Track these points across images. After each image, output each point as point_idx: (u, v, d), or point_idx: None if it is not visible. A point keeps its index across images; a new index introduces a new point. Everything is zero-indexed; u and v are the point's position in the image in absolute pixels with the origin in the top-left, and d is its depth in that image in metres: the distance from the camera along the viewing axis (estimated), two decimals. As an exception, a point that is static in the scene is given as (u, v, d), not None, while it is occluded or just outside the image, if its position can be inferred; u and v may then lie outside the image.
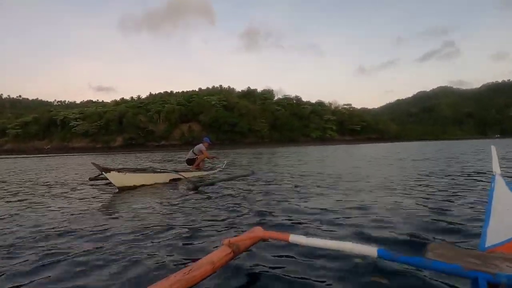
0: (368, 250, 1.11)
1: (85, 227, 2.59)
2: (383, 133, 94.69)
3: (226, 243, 1.52)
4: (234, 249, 1.52)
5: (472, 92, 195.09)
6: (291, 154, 17.61)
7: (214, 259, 1.41)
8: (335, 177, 5.67)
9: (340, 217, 2.70)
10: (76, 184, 6.03)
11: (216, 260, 1.41)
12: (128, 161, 15.55)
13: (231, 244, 1.52)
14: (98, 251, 1.98)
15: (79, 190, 5.09)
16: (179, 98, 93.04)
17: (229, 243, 1.52)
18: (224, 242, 1.54)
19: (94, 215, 3.11)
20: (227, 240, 1.53)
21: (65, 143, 76.69)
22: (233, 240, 1.54)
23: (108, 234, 2.38)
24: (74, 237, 2.33)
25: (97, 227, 2.60)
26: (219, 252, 1.47)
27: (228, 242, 1.52)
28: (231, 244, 1.52)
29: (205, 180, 5.67)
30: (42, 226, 2.68)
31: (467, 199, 3.38)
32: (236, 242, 1.54)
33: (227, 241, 1.53)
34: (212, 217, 2.79)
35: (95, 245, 2.10)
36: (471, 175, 5.50)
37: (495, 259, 1.04)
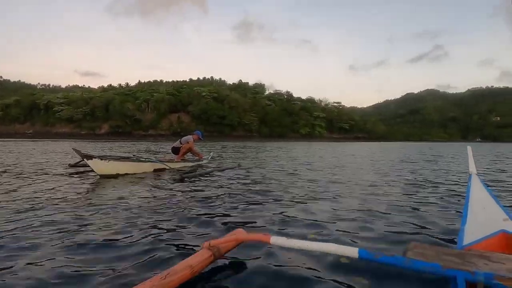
0: (349, 251, 1.11)
1: (55, 219, 2.44)
2: (370, 133, 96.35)
3: (206, 246, 1.47)
4: (215, 252, 1.47)
5: (457, 96, 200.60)
6: (279, 150, 17.64)
7: (193, 263, 1.35)
8: (321, 174, 5.69)
9: (323, 217, 2.69)
10: (54, 170, 5.81)
11: (195, 264, 1.35)
12: (114, 148, 15.18)
13: (212, 247, 1.47)
14: (65, 247, 1.86)
15: (56, 177, 4.88)
16: (169, 87, 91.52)
17: (209, 246, 1.47)
18: (204, 245, 1.48)
19: (68, 204, 2.96)
20: (207, 243, 1.48)
21: (48, 128, 74.22)
22: (214, 242, 1.49)
23: (79, 227, 2.24)
24: (41, 229, 2.18)
25: (69, 218, 2.46)
26: (199, 256, 1.42)
27: (208, 245, 1.47)
28: (211, 247, 1.47)
29: (190, 171, 5.58)
30: (6, 216, 2.51)
31: (445, 199, 3.46)
32: (216, 245, 1.49)
33: (207, 243, 1.48)
34: (193, 215, 2.69)
35: (62, 240, 1.97)
36: (450, 176, 5.65)
37: (473, 257, 1.06)
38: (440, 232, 2.25)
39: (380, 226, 2.38)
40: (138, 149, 16.16)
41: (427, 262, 0.99)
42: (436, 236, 2.16)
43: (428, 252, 1.10)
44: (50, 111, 77.52)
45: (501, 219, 1.53)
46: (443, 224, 2.44)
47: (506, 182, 4.82)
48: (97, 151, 13.39)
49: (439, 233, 2.23)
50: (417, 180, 5.09)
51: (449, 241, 2.04)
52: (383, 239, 2.10)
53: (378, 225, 2.42)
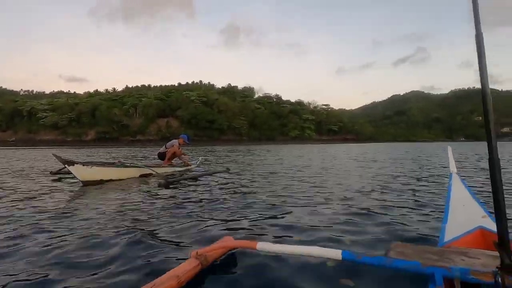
0: (333, 254, 1.13)
1: (36, 227, 2.36)
2: (359, 134, 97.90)
3: (194, 255, 1.44)
4: (202, 261, 1.44)
5: (441, 97, 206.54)
6: (268, 153, 17.67)
7: (180, 272, 1.31)
8: (310, 174, 5.72)
9: (309, 220, 2.69)
10: (35, 177, 5.63)
11: (182, 274, 1.31)
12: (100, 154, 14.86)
13: (199, 256, 1.44)
14: (44, 257, 1.79)
15: (37, 185, 4.72)
16: (157, 92, 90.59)
17: (196, 254, 1.44)
18: (192, 253, 1.46)
19: (49, 212, 2.86)
20: (195, 252, 1.46)
21: (31, 135, 72.09)
22: (201, 251, 1.46)
23: (60, 236, 2.16)
24: (21, 239, 2.10)
25: (50, 227, 2.37)
26: (186, 265, 1.38)
27: (195, 253, 1.44)
28: (199, 255, 1.44)
29: (178, 176, 5.48)
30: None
31: (428, 198, 3.53)
32: (204, 253, 1.47)
33: (194, 252, 1.46)
34: (181, 223, 2.62)
35: (43, 249, 1.90)
36: (433, 175, 5.77)
37: (451, 253, 1.09)
38: (423, 231, 2.28)
39: (365, 228, 2.40)
40: (124, 155, 15.87)
41: (407, 261, 1.02)
42: (419, 236, 2.19)
43: (409, 251, 1.13)
44: (33, 118, 75.36)
45: (479, 216, 1.57)
46: (426, 223, 2.48)
47: (486, 180, 4.96)
48: (83, 157, 13.08)
49: (422, 232, 2.26)
50: (401, 180, 5.18)
51: (431, 239, 2.08)
52: (368, 240, 2.11)
53: (363, 226, 2.44)
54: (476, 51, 0.86)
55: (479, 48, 0.86)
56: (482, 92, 0.91)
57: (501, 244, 0.85)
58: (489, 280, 0.88)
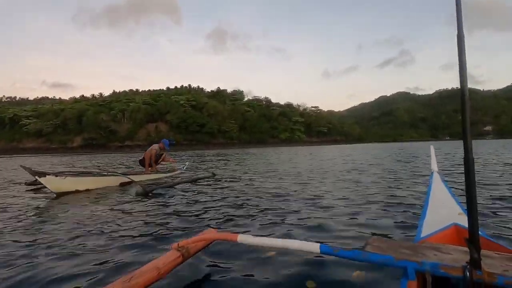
0: (311, 247, 1.17)
1: (9, 239, 2.28)
2: (347, 135, 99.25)
3: (175, 247, 1.45)
4: (184, 253, 1.45)
5: (426, 97, 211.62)
6: (257, 156, 17.72)
7: (160, 264, 1.32)
8: (292, 177, 5.79)
9: (291, 214, 2.74)
10: (8, 189, 5.39)
11: (162, 265, 1.32)
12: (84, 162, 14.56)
13: (180, 248, 1.45)
14: (25, 261, 1.78)
15: (8, 195, 4.56)
16: (146, 97, 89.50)
17: (177, 246, 1.45)
18: (173, 246, 1.47)
19: (21, 222, 2.81)
20: (176, 244, 1.47)
21: (14, 143, 69.91)
22: (182, 243, 1.47)
23: (38, 242, 2.14)
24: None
25: (25, 236, 2.32)
26: (167, 257, 1.40)
27: (177, 246, 1.46)
28: (180, 247, 1.45)
29: (160, 183, 5.31)
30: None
31: (409, 195, 3.63)
32: (186, 245, 1.47)
33: (175, 244, 1.47)
34: (161, 223, 2.62)
35: (21, 254, 1.89)
36: (415, 174, 5.93)
37: (425, 249, 1.12)
38: (402, 227, 2.36)
39: (346, 223, 2.47)
40: (107, 162, 15.60)
41: (381, 255, 1.05)
42: (397, 231, 2.26)
43: (385, 245, 1.16)
44: (16, 126, 73.17)
45: (456, 213, 1.62)
46: (405, 220, 2.56)
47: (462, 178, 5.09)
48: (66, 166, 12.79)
49: (401, 228, 2.33)
50: (385, 179, 5.30)
51: (408, 235, 2.14)
52: (348, 235, 2.18)
53: (344, 222, 2.51)
54: (457, 52, 0.89)
55: (460, 49, 0.90)
56: (460, 91, 0.93)
57: (471, 240, 0.88)
58: (458, 274, 0.90)
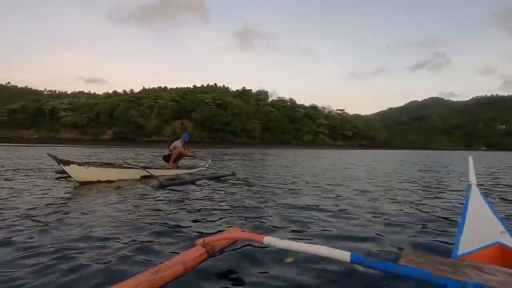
0: (341, 255, 1.11)
1: (36, 224, 2.38)
2: (373, 140, 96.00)
3: (201, 243, 1.47)
4: (209, 250, 1.47)
5: (461, 104, 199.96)
6: (280, 157, 17.63)
7: (186, 259, 1.34)
8: (317, 180, 5.66)
9: (317, 221, 2.67)
10: (38, 175, 5.72)
11: (188, 261, 1.34)
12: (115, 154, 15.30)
13: (206, 244, 1.46)
14: (53, 249, 1.82)
15: (36, 182, 4.80)
16: (173, 94, 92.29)
17: (203, 243, 1.46)
18: (199, 242, 1.48)
19: (49, 208, 2.94)
20: (201, 240, 1.48)
21: (52, 133, 74.92)
22: (208, 240, 1.48)
23: (65, 230, 2.21)
24: (26, 233, 2.12)
25: (52, 223, 2.41)
26: (192, 252, 1.41)
27: (202, 242, 1.47)
28: (205, 244, 1.46)
29: (180, 179, 5.39)
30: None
31: (444, 208, 3.41)
32: (211, 242, 1.49)
33: (201, 241, 1.48)
34: (179, 218, 2.65)
35: (51, 241, 1.96)
36: (450, 185, 5.58)
37: (465, 267, 1.04)
38: (436, 241, 2.22)
39: (378, 233, 2.36)
40: (135, 156, 16.21)
41: (418, 270, 0.98)
42: (432, 245, 2.14)
43: (420, 260, 1.09)
44: (55, 117, 78.36)
45: (497, 231, 1.51)
46: (440, 234, 2.41)
47: (506, 194, 4.71)
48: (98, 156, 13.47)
49: (435, 242, 2.20)
50: (417, 189, 5.04)
51: (444, 250, 2.01)
52: (379, 246, 2.08)
53: (376, 232, 2.40)
54: None
55: None
56: None
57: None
58: None
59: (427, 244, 2.16)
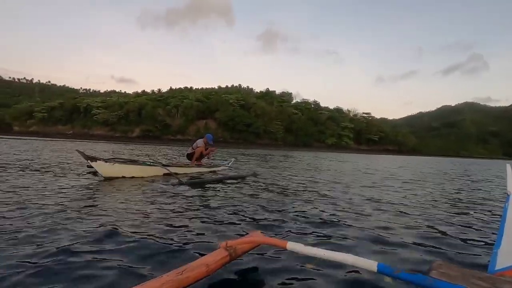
0: (368, 264, 1.06)
1: (65, 220, 2.43)
2: (401, 145, 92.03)
3: (223, 246, 1.48)
4: (231, 253, 1.48)
5: (500, 110, 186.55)
6: (303, 159, 17.41)
7: (209, 261, 1.36)
8: (340, 185, 5.54)
9: (340, 227, 2.62)
10: (71, 168, 6.14)
11: (212, 263, 1.36)
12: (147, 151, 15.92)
13: (228, 247, 1.48)
14: (83, 247, 1.85)
15: (68, 175, 5.10)
16: (198, 94, 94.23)
17: (226, 246, 1.48)
18: (221, 244, 1.50)
19: (74, 202, 3.05)
20: (224, 243, 1.50)
21: (85, 129, 79.29)
22: (231, 243, 1.50)
23: (92, 227, 2.27)
24: (51, 231, 2.14)
25: (79, 220, 2.46)
26: (215, 255, 1.43)
27: (225, 245, 1.48)
28: (228, 247, 1.48)
29: (202, 177, 5.46)
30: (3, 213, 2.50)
31: (479, 219, 3.22)
32: (233, 246, 1.51)
33: (224, 243, 1.49)
34: (205, 218, 2.69)
35: (78, 239, 1.98)
36: (485, 195, 5.24)
37: (504, 283, 0.97)
38: (470, 254, 2.10)
39: (406, 243, 2.28)
40: (162, 153, 16.71)
41: (452, 284, 0.92)
42: (465, 257, 2.03)
43: (454, 273, 1.03)
44: (88, 114, 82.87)
45: None
46: (474, 245, 2.28)
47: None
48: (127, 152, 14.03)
49: (469, 255, 2.08)
50: (450, 198, 4.79)
51: (479, 264, 1.91)
52: (408, 255, 2.01)
53: (404, 241, 2.31)
54: None
55: None
56: None
57: None
58: None
59: (460, 256, 2.05)
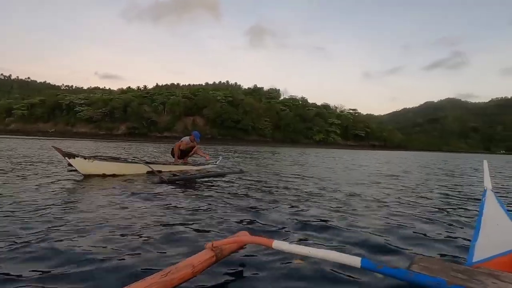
0: (351, 260, 1.09)
1: (39, 219, 2.38)
2: (387, 141, 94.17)
3: (209, 247, 1.46)
4: (217, 253, 1.47)
5: (480, 106, 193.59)
6: (291, 155, 17.51)
7: (195, 262, 1.34)
8: (325, 182, 5.57)
9: (326, 224, 2.62)
10: (45, 167, 5.93)
11: (197, 264, 1.34)
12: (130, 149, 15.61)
13: (215, 248, 1.46)
14: (60, 249, 1.80)
15: (45, 173, 4.95)
16: (185, 91, 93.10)
17: (212, 246, 1.46)
18: (207, 245, 1.48)
19: (50, 201, 2.97)
20: (210, 243, 1.48)
21: (68, 127, 77.06)
22: (217, 243, 1.48)
23: (68, 228, 2.18)
24: (29, 230, 2.10)
25: (56, 219, 2.39)
26: (201, 256, 1.41)
27: (211, 245, 1.46)
28: (214, 247, 1.46)
29: (186, 175, 5.37)
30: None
31: (457, 213, 3.29)
32: (219, 246, 1.48)
33: (210, 244, 1.47)
34: (187, 217, 2.63)
35: (51, 244, 1.90)
36: (464, 190, 5.39)
37: (481, 275, 1.02)
38: (450, 247, 2.14)
39: (388, 239, 2.29)
40: (148, 150, 16.43)
41: (431, 277, 0.95)
42: (445, 251, 2.07)
43: (434, 266, 1.07)
44: (71, 111, 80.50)
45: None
46: (453, 239, 2.32)
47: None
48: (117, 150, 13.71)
49: (449, 248, 2.12)
50: (430, 193, 4.89)
51: (458, 257, 1.94)
52: (390, 251, 2.02)
53: (386, 237, 2.33)
54: None
55: None
56: None
57: None
58: None
59: (440, 250, 2.09)
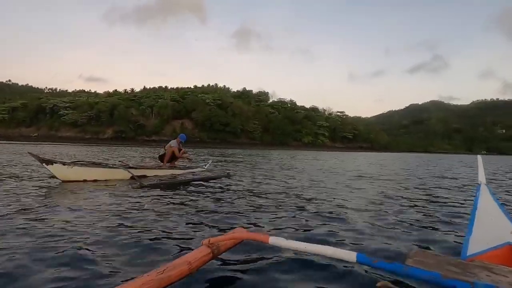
0: (347, 255, 1.09)
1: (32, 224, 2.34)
2: (374, 143, 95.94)
3: (206, 243, 1.46)
4: (214, 250, 1.47)
5: (462, 108, 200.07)
6: (279, 157, 17.57)
7: (191, 259, 1.34)
8: (314, 182, 5.60)
9: (319, 221, 2.61)
10: (25, 173, 5.66)
11: (193, 261, 1.34)
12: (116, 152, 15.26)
13: (211, 244, 1.46)
14: (57, 249, 1.80)
15: (18, 180, 4.70)
16: (173, 94, 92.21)
17: (208, 243, 1.46)
18: (204, 242, 1.48)
19: (42, 207, 2.91)
20: (207, 240, 1.47)
21: (52, 131, 74.82)
22: (213, 240, 1.48)
23: (62, 230, 2.17)
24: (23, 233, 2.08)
25: (53, 223, 2.38)
26: (197, 252, 1.41)
27: (207, 242, 1.46)
28: (210, 244, 1.46)
29: (173, 179, 5.28)
30: None
31: (451, 208, 3.36)
32: (216, 242, 1.48)
33: (206, 241, 1.47)
34: (168, 219, 2.60)
35: (47, 241, 1.91)
36: (457, 186, 5.52)
37: (475, 267, 1.03)
38: (444, 241, 2.18)
39: (383, 233, 2.31)
40: (135, 154, 16.14)
41: (426, 271, 0.96)
42: (440, 245, 2.09)
43: (429, 260, 1.08)
44: (55, 115, 78.29)
45: (508, 231, 1.50)
46: (448, 233, 2.36)
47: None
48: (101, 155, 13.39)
49: (443, 242, 2.15)
50: (423, 189, 4.99)
51: (453, 251, 1.97)
52: (386, 246, 2.03)
53: (382, 232, 2.35)
54: None
55: None
56: None
57: None
58: None
59: (435, 244, 2.11)
